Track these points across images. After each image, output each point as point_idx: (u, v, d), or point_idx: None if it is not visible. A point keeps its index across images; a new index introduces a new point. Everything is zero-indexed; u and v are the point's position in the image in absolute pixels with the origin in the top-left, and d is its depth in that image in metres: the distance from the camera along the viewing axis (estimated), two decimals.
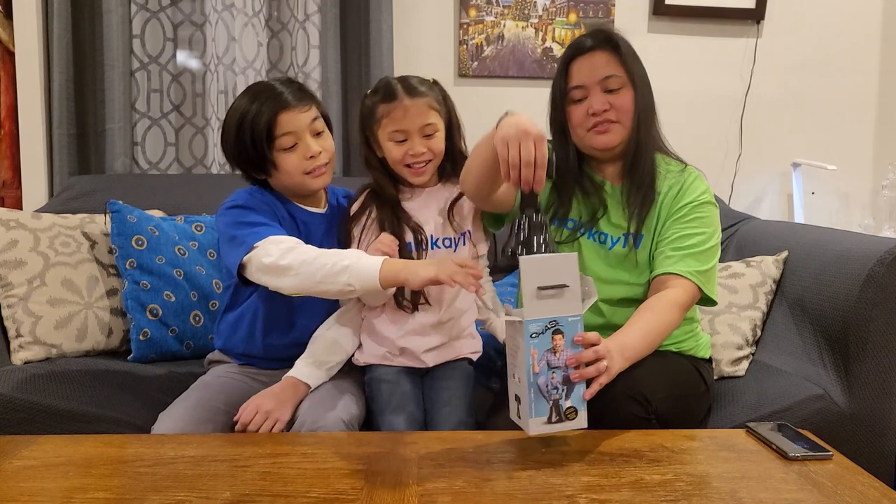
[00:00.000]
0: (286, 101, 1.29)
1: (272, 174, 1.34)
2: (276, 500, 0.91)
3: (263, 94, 1.31)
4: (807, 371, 1.53)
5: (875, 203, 2.52)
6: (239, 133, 1.29)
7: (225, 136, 1.34)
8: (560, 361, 1.02)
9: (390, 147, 1.35)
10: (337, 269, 1.15)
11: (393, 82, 1.36)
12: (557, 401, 1.02)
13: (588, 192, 1.39)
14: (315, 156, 1.31)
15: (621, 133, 1.34)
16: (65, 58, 2.08)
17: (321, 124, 1.35)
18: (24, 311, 1.58)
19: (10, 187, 2.18)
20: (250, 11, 2.18)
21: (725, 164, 2.46)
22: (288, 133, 1.29)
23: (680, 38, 2.41)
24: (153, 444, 1.10)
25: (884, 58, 2.50)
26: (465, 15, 2.31)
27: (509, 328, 1.05)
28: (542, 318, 1.01)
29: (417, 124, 1.33)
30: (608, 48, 1.33)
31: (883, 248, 1.44)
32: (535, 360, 1.00)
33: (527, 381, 1.00)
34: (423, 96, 1.34)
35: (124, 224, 1.70)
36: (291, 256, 1.18)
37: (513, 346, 1.04)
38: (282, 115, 1.29)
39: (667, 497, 0.91)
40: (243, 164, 1.35)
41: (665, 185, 1.37)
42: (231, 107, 1.34)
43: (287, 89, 1.32)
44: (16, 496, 0.91)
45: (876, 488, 0.95)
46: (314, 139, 1.32)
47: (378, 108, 1.35)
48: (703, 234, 1.32)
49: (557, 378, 1.01)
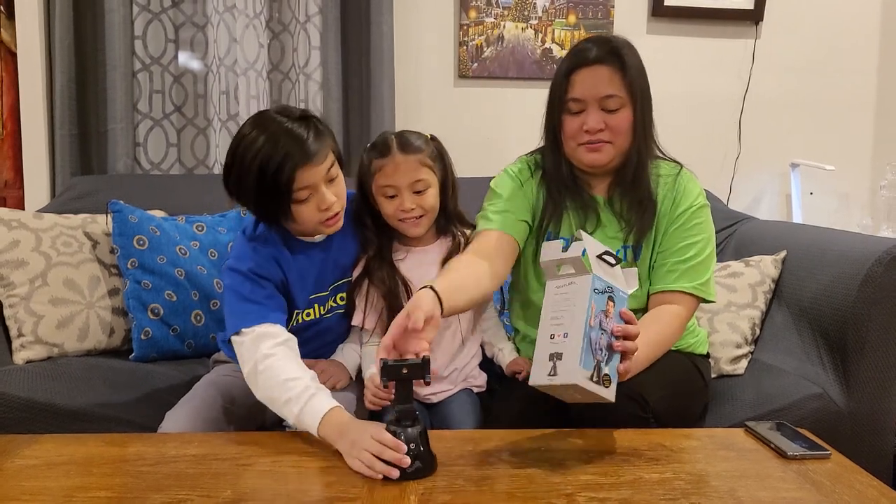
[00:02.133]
0: (307, 154, 1.20)
1: (285, 222, 1.29)
2: (277, 499, 0.91)
3: (283, 141, 1.19)
4: (805, 370, 1.54)
5: (873, 203, 2.53)
6: (260, 184, 1.20)
7: (241, 180, 1.22)
8: (609, 326, 1.01)
9: (382, 202, 1.36)
10: (283, 408, 1.12)
11: (389, 138, 1.36)
12: (600, 362, 1.00)
13: (579, 207, 1.38)
14: (329, 207, 1.25)
15: (612, 153, 1.32)
16: (67, 58, 2.08)
17: (336, 170, 1.27)
18: (26, 311, 1.59)
19: (13, 187, 2.18)
20: (251, 13, 2.18)
21: (724, 165, 2.47)
22: (305, 188, 1.22)
23: (679, 38, 2.42)
24: (155, 443, 1.10)
25: (882, 58, 2.51)
26: (465, 16, 2.32)
27: (559, 285, 1.03)
28: (604, 280, 1.02)
29: (407, 180, 1.32)
30: (613, 64, 1.29)
31: (881, 247, 1.45)
32: (593, 314, 0.99)
33: (583, 332, 0.97)
34: (416, 152, 1.33)
35: (125, 224, 1.71)
36: (259, 375, 1.16)
37: (561, 303, 1.02)
38: (301, 171, 1.20)
39: (665, 496, 0.92)
40: (260, 212, 1.28)
41: (660, 193, 1.36)
42: (243, 144, 1.21)
43: (307, 133, 1.21)
44: (17, 495, 0.92)
45: (874, 487, 0.95)
46: (328, 187, 1.25)
47: (373, 163, 1.35)
48: (702, 241, 1.33)
49: (604, 341, 1.01)
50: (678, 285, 1.30)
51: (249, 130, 1.22)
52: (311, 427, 1.08)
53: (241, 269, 1.26)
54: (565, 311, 1.01)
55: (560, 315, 1.01)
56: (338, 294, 1.40)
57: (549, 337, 1.01)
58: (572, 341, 0.97)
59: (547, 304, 1.04)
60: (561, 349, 0.98)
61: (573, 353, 0.96)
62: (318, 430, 1.07)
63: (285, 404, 1.11)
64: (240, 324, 1.21)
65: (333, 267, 1.38)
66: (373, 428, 1.02)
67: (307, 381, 1.13)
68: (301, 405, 1.09)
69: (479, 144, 2.23)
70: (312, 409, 1.09)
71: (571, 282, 1.02)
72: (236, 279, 1.26)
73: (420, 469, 0.97)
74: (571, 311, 1.00)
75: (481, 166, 1.84)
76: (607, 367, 1.00)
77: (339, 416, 1.08)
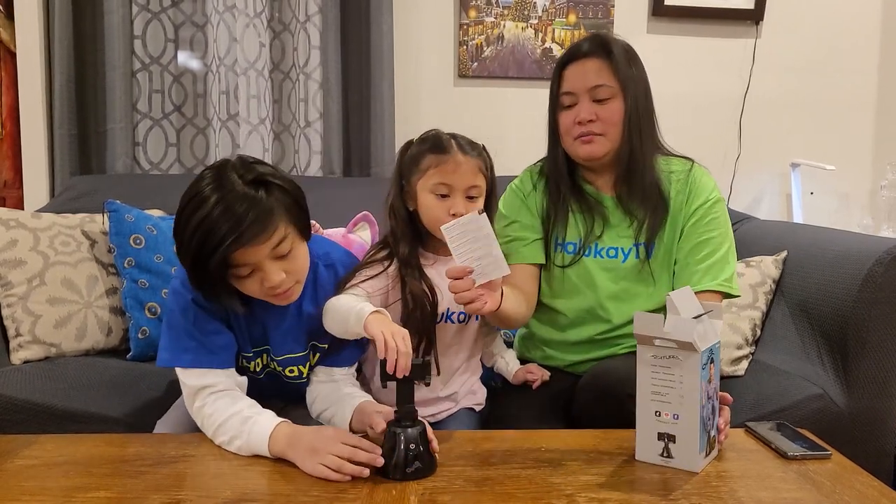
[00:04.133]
0: (240, 239, 1.03)
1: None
2: (277, 499, 0.91)
3: (220, 220, 1.03)
4: (806, 370, 1.53)
5: (874, 203, 2.52)
6: (196, 261, 1.06)
7: (179, 247, 1.08)
8: (713, 391, 1.01)
9: (429, 200, 1.24)
10: (230, 447, 1.06)
11: (444, 135, 1.26)
12: (710, 431, 1.02)
13: (584, 210, 1.38)
14: (276, 285, 1.09)
15: (606, 145, 1.33)
16: (66, 58, 2.08)
17: (288, 244, 1.09)
18: (24, 311, 1.59)
19: (12, 187, 2.18)
20: (252, 12, 2.18)
21: (724, 165, 2.46)
22: (245, 265, 1.07)
23: (679, 38, 2.42)
24: (154, 444, 1.10)
25: (883, 58, 2.51)
26: (464, 16, 2.32)
27: (656, 355, 0.99)
28: (706, 348, 0.98)
29: (466, 183, 1.23)
30: (602, 55, 1.31)
31: (882, 248, 1.44)
32: (703, 392, 0.98)
33: (698, 416, 0.97)
34: (476, 157, 1.25)
35: (122, 223, 1.71)
36: (200, 417, 1.11)
37: (662, 376, 0.99)
38: (237, 253, 1.05)
39: (666, 496, 0.91)
40: (196, 286, 1.12)
41: (672, 190, 1.36)
42: (190, 206, 1.05)
43: (248, 210, 1.04)
44: (17, 495, 0.91)
45: (874, 487, 0.95)
46: (276, 263, 1.08)
47: (425, 157, 1.24)
48: (720, 236, 1.34)
49: (710, 409, 1.01)
50: (703, 285, 1.30)
51: (198, 190, 1.06)
52: (262, 449, 1.03)
53: (186, 297, 1.13)
54: (671, 390, 0.99)
55: (665, 393, 0.99)
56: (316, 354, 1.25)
57: (653, 413, 1.00)
58: (688, 428, 0.98)
59: (643, 372, 1.01)
60: (673, 431, 0.99)
61: (690, 441, 0.98)
62: (269, 450, 1.03)
63: (230, 444, 1.06)
64: (174, 361, 1.14)
65: (299, 336, 1.22)
66: (333, 431, 1.01)
67: (243, 413, 1.07)
68: (245, 437, 1.05)
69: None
70: (257, 435, 1.04)
71: (672, 356, 0.98)
72: (178, 305, 1.14)
73: (420, 469, 0.97)
74: (679, 391, 0.98)
75: None
76: (714, 430, 1.03)
77: (285, 429, 1.04)
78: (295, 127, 2.24)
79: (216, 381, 1.13)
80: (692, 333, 0.95)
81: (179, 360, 1.14)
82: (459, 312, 1.30)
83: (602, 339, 1.38)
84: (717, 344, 1.02)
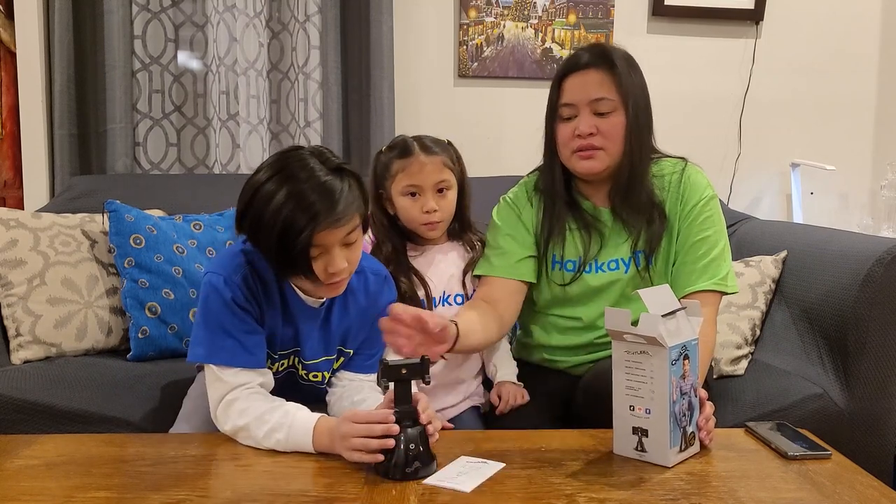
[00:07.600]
0: (332, 217, 1.07)
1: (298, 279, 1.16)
2: (277, 500, 0.91)
3: (310, 199, 1.06)
4: (806, 370, 1.54)
5: (874, 203, 2.52)
6: (282, 242, 1.08)
7: (261, 232, 1.09)
8: (687, 386, 1.02)
9: (403, 202, 1.36)
10: (264, 441, 1.07)
11: (409, 140, 1.37)
12: (685, 427, 1.02)
13: (581, 226, 1.37)
14: (337, 272, 1.12)
15: (605, 160, 1.31)
16: (66, 58, 2.08)
17: (356, 235, 1.14)
18: (24, 311, 1.59)
19: (12, 187, 2.18)
20: (251, 12, 2.18)
21: (724, 165, 2.46)
22: (318, 246, 1.10)
23: (679, 38, 2.42)
24: (154, 444, 1.10)
25: (882, 58, 2.51)
26: (464, 16, 2.32)
27: (629, 350, 1.01)
28: (677, 344, 0.99)
29: (432, 180, 1.34)
30: (604, 67, 1.29)
31: (882, 248, 1.44)
32: (674, 388, 0.99)
33: (668, 412, 0.98)
34: (438, 153, 1.35)
35: (122, 223, 1.71)
36: (229, 413, 1.11)
37: (635, 372, 1.01)
38: (322, 233, 1.08)
39: (666, 496, 0.91)
40: (272, 262, 1.14)
41: (665, 194, 1.36)
42: (265, 191, 1.07)
43: (340, 188, 1.09)
44: (17, 495, 0.92)
45: (875, 487, 0.95)
46: (342, 251, 1.12)
47: (393, 163, 1.35)
48: (715, 234, 1.33)
49: (684, 404, 1.02)
50: (699, 285, 1.30)
51: (284, 166, 1.10)
52: (305, 442, 1.05)
53: (224, 297, 1.14)
54: (643, 385, 1.01)
55: (637, 387, 1.01)
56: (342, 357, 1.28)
57: (627, 408, 1.02)
58: (658, 421, 0.99)
59: (618, 368, 1.03)
60: (645, 425, 1.01)
61: (661, 434, 0.99)
62: (313, 445, 1.04)
63: (268, 437, 1.06)
64: (209, 358, 1.14)
65: (330, 337, 1.25)
66: (341, 417, 1.02)
67: (284, 407, 1.09)
68: (285, 431, 1.05)
69: (478, 144, 2.22)
70: (300, 428, 1.05)
71: (643, 350, 1.00)
72: (215, 302, 1.14)
73: (420, 469, 0.97)
74: (650, 386, 1.00)
75: (481, 166, 1.84)
76: (692, 426, 1.03)
77: (328, 423, 1.05)
78: (294, 127, 2.24)
79: (250, 379, 1.13)
80: (658, 329, 0.97)
81: (216, 357, 1.14)
82: (456, 294, 1.38)
83: (602, 342, 1.38)
84: (692, 340, 1.03)
